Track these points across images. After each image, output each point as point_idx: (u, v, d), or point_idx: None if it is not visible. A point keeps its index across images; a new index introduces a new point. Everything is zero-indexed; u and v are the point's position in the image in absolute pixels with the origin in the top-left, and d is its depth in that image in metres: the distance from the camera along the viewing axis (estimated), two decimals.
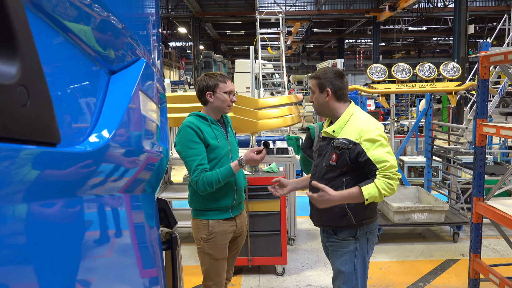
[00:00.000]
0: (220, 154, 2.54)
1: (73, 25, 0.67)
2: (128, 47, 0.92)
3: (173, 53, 34.29)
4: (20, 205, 0.50)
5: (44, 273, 0.56)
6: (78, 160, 0.63)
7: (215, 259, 2.57)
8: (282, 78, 11.47)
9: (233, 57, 38.11)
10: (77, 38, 0.69)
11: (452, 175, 5.61)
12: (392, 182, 2.14)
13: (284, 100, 5.40)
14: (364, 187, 2.15)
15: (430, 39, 36.37)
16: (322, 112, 2.40)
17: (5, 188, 0.46)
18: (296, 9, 24.60)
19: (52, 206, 0.60)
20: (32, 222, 0.53)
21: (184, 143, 2.45)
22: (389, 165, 2.13)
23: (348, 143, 2.20)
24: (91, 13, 0.73)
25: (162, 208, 1.48)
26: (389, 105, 7.62)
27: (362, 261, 2.33)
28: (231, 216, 2.62)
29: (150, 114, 1.01)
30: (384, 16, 21.68)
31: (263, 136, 9.03)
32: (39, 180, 0.53)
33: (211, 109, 2.58)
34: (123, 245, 1.00)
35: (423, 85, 4.68)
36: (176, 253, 1.49)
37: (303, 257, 4.44)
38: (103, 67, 0.82)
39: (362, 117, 2.29)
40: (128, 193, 0.98)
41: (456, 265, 4.19)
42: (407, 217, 4.63)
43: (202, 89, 2.55)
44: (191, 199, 2.59)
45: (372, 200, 2.16)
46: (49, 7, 0.58)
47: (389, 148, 2.21)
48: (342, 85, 2.32)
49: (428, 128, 5.41)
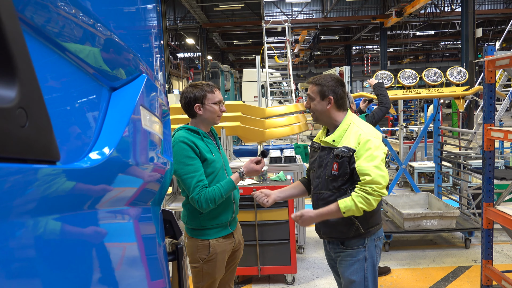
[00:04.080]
0: (217, 168, 2.42)
1: (71, 45, 0.69)
2: (129, 63, 0.94)
3: (182, 64, 34.58)
4: (21, 221, 0.52)
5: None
6: (78, 176, 0.65)
7: (213, 278, 2.46)
8: (290, 86, 11.50)
9: (241, 66, 38.29)
10: (76, 58, 0.72)
11: (463, 180, 5.56)
12: (370, 198, 2.10)
13: (291, 109, 5.42)
14: (341, 200, 2.15)
15: (438, 44, 36.22)
16: (320, 120, 2.37)
17: (5, 205, 0.48)
18: (303, 17, 24.70)
19: (55, 222, 0.62)
20: (34, 238, 0.55)
21: (179, 159, 2.29)
22: (370, 179, 2.09)
23: (347, 150, 2.19)
24: (90, 31, 0.76)
25: (167, 219, 1.50)
26: (398, 111, 7.60)
27: (372, 269, 2.31)
28: (231, 231, 2.51)
29: (152, 128, 1.03)
30: (391, 22, 21.66)
31: (272, 144, 9.04)
32: (39, 195, 0.55)
33: (200, 121, 2.44)
34: (128, 258, 1.02)
35: (429, 91, 4.67)
36: (182, 264, 1.51)
37: (313, 266, 4.42)
38: (104, 84, 0.84)
39: (361, 125, 2.28)
40: (132, 207, 1.00)
41: (469, 272, 4.14)
42: (418, 224, 4.59)
43: (190, 102, 2.39)
44: (188, 218, 2.43)
45: (351, 214, 2.15)
46: (46, 28, 0.61)
47: (379, 162, 2.14)
48: (344, 93, 2.32)
49: (437, 133, 5.38)
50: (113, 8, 0.93)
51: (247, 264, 3.91)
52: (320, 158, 2.35)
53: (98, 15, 0.78)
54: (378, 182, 2.10)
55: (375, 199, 2.11)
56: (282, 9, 24.53)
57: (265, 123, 4.98)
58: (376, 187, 2.10)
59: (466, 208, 5.33)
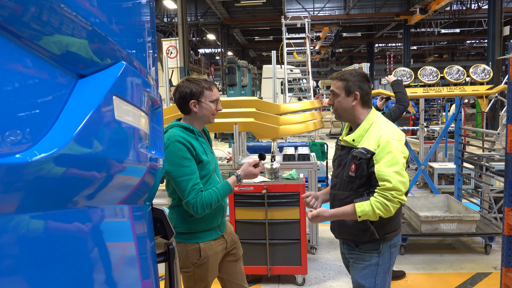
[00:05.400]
0: (210, 170, 2.29)
1: (25, 29, 0.62)
2: (102, 49, 0.86)
3: (203, 60, 34.68)
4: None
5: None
6: (11, 171, 0.57)
7: (206, 282, 2.35)
8: (309, 83, 11.35)
9: (262, 63, 38.14)
10: (29, 41, 0.64)
11: (485, 183, 5.34)
12: (389, 204, 2.00)
13: (307, 106, 5.29)
14: (358, 203, 2.05)
15: (464, 42, 35.30)
16: (343, 117, 2.24)
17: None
18: (325, 14, 24.39)
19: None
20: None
21: (175, 160, 2.14)
22: (391, 186, 1.99)
23: (366, 152, 2.08)
24: (49, 12, 0.67)
25: (158, 218, 1.42)
26: (419, 110, 7.39)
27: (383, 276, 2.20)
28: (220, 234, 2.40)
29: (130, 120, 0.95)
30: (415, 19, 21.15)
31: (288, 141, 8.92)
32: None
33: (195, 119, 2.29)
34: (107, 262, 0.94)
35: (451, 89, 4.48)
36: (174, 265, 1.43)
37: (325, 267, 4.30)
38: (67, 71, 0.76)
39: (383, 125, 2.15)
40: (106, 205, 0.93)
41: (488, 279, 3.96)
42: (435, 227, 4.42)
43: (185, 97, 2.23)
44: (178, 221, 2.28)
45: (366, 218, 2.05)
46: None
47: (400, 167, 2.03)
48: (370, 89, 2.21)
49: (458, 133, 5.18)
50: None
51: (256, 263, 3.83)
52: (340, 157, 2.26)
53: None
54: (399, 188, 1.99)
55: (394, 206, 2.01)
56: (304, 5, 24.27)
57: (279, 120, 4.86)
58: (396, 193, 2.00)
59: (487, 212, 5.11)
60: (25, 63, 0.65)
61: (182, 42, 16.50)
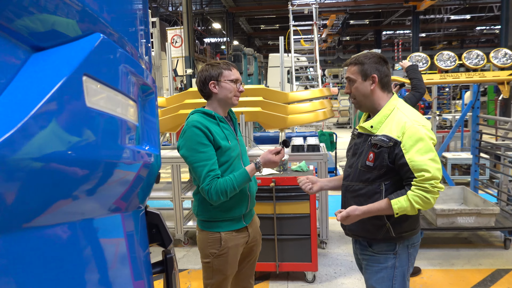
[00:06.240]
0: (232, 157, 2.21)
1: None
2: (70, 15, 0.66)
3: (208, 49, 34.36)
4: None
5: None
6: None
7: (224, 275, 2.28)
8: (316, 72, 11.07)
9: (268, 51, 37.73)
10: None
11: (502, 174, 5.10)
12: (429, 196, 1.82)
13: (316, 94, 5.06)
14: (394, 200, 1.86)
15: (474, 29, 34.60)
16: (363, 105, 2.03)
17: None
18: (332, 1, 23.94)
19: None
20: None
21: (191, 146, 2.11)
22: (429, 176, 1.80)
23: (388, 140, 1.88)
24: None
25: (154, 223, 1.23)
26: (432, 97, 7.13)
27: (401, 279, 1.99)
28: (244, 225, 2.32)
29: (109, 108, 0.75)
30: (424, 6, 20.62)
31: (296, 131, 8.70)
32: None
33: (216, 102, 2.25)
34: (82, 280, 0.76)
35: (470, 75, 4.22)
36: (172, 277, 1.24)
37: (336, 263, 4.11)
38: (16, 41, 0.56)
39: (406, 111, 1.94)
40: (86, 214, 0.73)
41: (509, 276, 3.75)
42: (452, 221, 4.21)
43: (205, 80, 2.22)
44: (199, 208, 2.27)
45: (403, 213, 1.87)
46: None
47: (434, 154, 1.85)
48: (388, 71, 2.00)
49: (476, 122, 4.93)
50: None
51: (264, 259, 3.64)
52: (355, 145, 2.06)
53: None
54: (437, 177, 1.82)
55: (434, 197, 1.83)
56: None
57: (287, 109, 4.64)
58: (435, 182, 1.82)
59: (505, 205, 4.89)
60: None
61: (187, 31, 16.25)
